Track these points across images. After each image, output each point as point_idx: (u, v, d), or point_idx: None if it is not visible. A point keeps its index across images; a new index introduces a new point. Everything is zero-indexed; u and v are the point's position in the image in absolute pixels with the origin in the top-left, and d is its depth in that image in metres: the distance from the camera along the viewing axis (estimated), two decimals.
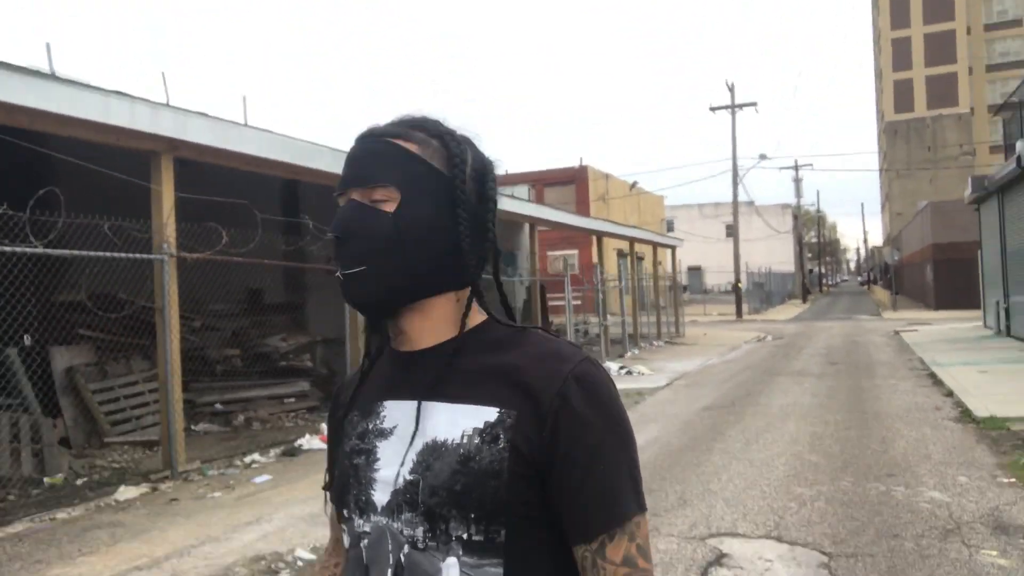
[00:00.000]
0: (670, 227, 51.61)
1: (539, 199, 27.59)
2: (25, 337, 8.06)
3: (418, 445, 1.05)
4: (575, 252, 35.88)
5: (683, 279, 35.64)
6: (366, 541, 1.06)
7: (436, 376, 1.06)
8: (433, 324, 1.10)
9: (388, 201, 1.05)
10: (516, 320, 1.15)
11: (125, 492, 6.44)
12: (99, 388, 8.61)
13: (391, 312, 1.09)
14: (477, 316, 1.12)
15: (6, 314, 6.92)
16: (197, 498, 6.53)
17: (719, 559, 4.70)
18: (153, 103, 7.16)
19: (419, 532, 1.02)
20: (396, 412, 1.09)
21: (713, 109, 39.62)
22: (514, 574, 1.00)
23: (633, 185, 42.97)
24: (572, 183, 38.84)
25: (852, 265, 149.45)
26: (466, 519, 1.00)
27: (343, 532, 1.13)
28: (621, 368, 15.93)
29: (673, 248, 27.60)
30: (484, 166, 1.13)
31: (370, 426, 1.11)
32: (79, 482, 7.01)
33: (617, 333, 20.65)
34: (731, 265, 45.76)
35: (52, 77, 6.79)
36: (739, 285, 38.26)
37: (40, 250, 6.12)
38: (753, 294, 43.38)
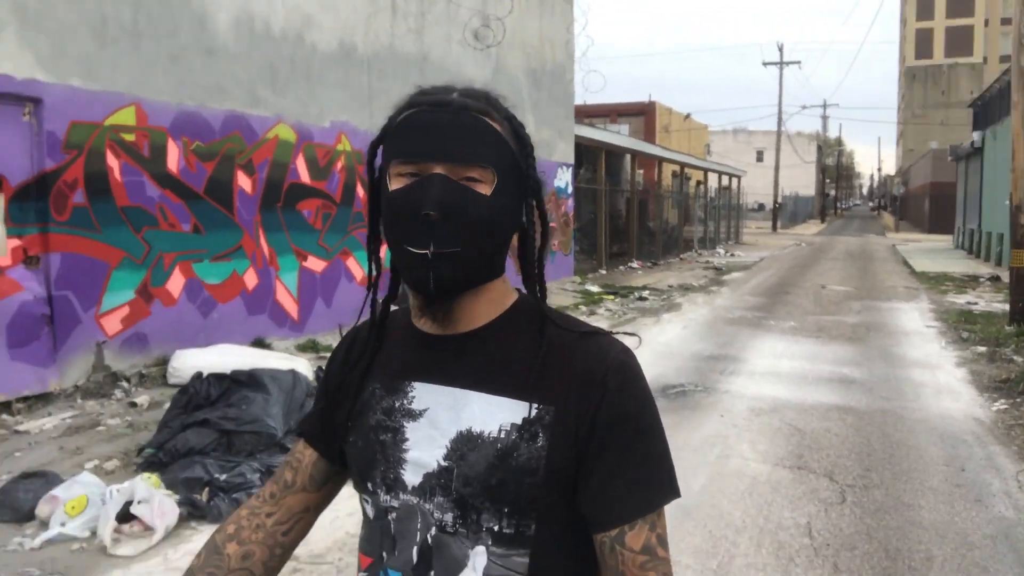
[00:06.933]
0: (708, 151, 61.24)
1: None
2: None
3: (451, 432, 1.04)
4: (640, 171, 45.77)
5: (726, 198, 45.64)
6: (394, 515, 1.07)
7: (474, 364, 1.06)
8: (481, 307, 1.08)
9: (483, 183, 1.01)
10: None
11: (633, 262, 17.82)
12: None
13: (459, 294, 1.05)
14: (512, 295, 1.11)
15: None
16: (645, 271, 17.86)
17: (823, 289, 16.17)
18: (610, 132, 18.09)
19: (448, 517, 1.03)
20: (427, 396, 1.07)
21: (765, 64, 49.40)
22: (539, 563, 1.02)
23: (687, 116, 53.01)
24: (642, 115, 48.10)
25: (864, 190, 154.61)
26: (499, 512, 1.01)
27: (365, 503, 1.11)
28: (726, 252, 27.04)
29: (739, 177, 38.29)
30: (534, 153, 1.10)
31: (396, 404, 1.09)
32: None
33: (702, 237, 31.67)
34: (758, 187, 56.16)
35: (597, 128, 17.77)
36: (777, 205, 48.67)
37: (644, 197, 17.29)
38: (781, 213, 53.21)
